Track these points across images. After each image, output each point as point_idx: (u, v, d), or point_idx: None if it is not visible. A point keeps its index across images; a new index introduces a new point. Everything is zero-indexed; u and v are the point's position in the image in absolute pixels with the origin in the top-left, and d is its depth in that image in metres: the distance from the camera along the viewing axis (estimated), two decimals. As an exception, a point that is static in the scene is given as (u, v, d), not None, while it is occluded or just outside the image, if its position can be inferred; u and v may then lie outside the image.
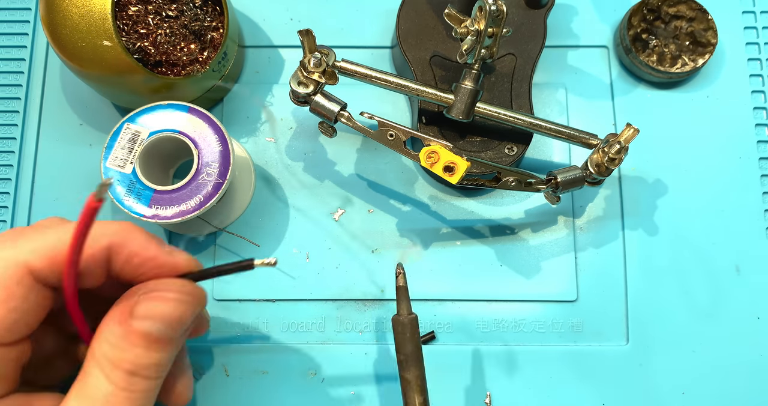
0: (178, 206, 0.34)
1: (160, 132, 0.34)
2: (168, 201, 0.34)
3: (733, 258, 0.39)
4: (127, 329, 0.26)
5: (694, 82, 0.42)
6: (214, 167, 0.34)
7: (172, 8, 0.36)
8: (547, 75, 0.42)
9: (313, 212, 0.40)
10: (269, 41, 0.42)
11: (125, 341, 0.26)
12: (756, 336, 0.38)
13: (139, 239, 0.27)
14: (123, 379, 0.25)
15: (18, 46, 0.42)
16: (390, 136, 0.33)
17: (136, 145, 0.34)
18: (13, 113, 0.41)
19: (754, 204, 0.40)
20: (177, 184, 0.34)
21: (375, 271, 0.39)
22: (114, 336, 0.26)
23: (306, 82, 0.33)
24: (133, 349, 0.26)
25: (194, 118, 0.35)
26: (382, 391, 0.37)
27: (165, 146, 0.35)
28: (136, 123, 0.34)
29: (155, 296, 0.26)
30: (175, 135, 0.34)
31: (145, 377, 0.26)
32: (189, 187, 0.34)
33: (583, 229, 0.40)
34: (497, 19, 0.32)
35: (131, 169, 0.34)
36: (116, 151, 0.34)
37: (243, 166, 0.39)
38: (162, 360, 0.26)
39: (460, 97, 0.35)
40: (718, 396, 0.37)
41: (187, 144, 0.34)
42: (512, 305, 0.39)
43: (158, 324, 0.26)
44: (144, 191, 0.33)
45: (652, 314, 0.38)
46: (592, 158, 0.35)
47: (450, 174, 0.31)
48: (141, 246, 0.27)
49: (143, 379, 0.26)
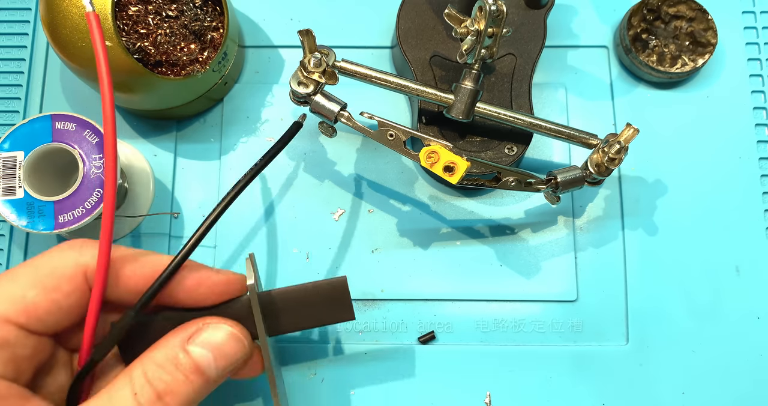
0: (83, 206, 0.34)
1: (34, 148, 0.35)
2: (71, 206, 0.34)
3: (733, 258, 0.39)
4: (182, 351, 0.27)
5: (694, 82, 0.42)
6: (99, 158, 0.34)
7: (172, 8, 0.36)
8: (547, 75, 0.42)
9: (313, 212, 0.40)
10: (269, 41, 0.42)
11: (172, 363, 0.26)
12: (756, 336, 0.38)
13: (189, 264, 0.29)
14: (149, 400, 0.25)
15: (18, 46, 0.42)
16: (390, 136, 0.33)
17: (16, 169, 0.34)
18: (13, 113, 0.41)
19: (754, 204, 0.40)
20: (72, 187, 0.34)
21: (375, 271, 0.39)
22: (164, 356, 0.27)
23: (306, 82, 0.33)
24: (175, 372, 0.26)
25: (62, 123, 0.35)
26: (382, 391, 0.37)
27: (50, 158, 0.35)
28: (4, 150, 0.34)
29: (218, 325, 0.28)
30: (49, 144, 0.35)
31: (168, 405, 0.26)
32: (84, 185, 0.34)
33: (583, 229, 0.40)
34: (497, 19, 0.32)
35: (23, 192, 0.34)
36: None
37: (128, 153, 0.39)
38: (192, 396, 0.27)
39: (460, 97, 0.35)
40: (718, 396, 0.37)
41: (64, 147, 0.35)
42: (512, 305, 0.39)
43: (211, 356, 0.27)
44: (45, 207, 0.34)
45: (652, 314, 0.38)
46: (592, 158, 0.35)
47: (450, 174, 0.31)
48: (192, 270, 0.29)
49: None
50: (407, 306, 0.38)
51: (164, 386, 0.26)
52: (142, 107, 0.39)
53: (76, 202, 0.34)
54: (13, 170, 0.34)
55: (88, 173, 0.34)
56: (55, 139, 0.35)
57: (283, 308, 0.31)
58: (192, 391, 0.27)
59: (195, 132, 0.41)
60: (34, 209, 0.34)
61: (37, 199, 0.34)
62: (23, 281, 0.26)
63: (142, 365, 0.26)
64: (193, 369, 0.27)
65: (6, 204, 0.34)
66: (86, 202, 0.34)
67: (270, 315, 0.31)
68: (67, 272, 0.27)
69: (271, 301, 0.31)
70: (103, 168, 0.34)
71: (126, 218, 0.38)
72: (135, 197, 0.39)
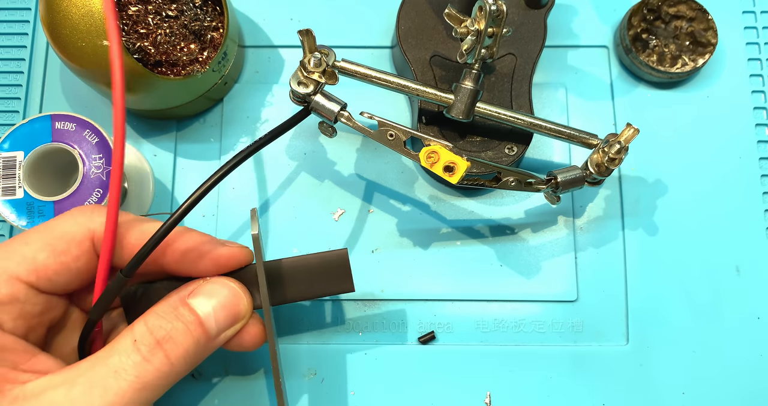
0: None
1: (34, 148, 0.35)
2: (71, 206, 0.34)
3: (733, 258, 0.39)
4: (182, 304, 0.28)
5: (694, 82, 0.42)
6: (98, 158, 0.34)
7: (172, 8, 0.36)
8: (547, 75, 0.42)
9: (313, 212, 0.40)
10: (269, 41, 0.42)
11: (172, 313, 0.28)
12: (756, 336, 0.38)
13: (193, 235, 0.30)
14: (148, 346, 0.26)
15: (18, 46, 0.42)
16: (390, 136, 0.33)
17: (16, 169, 0.34)
18: (13, 113, 0.41)
19: (754, 204, 0.40)
20: (72, 187, 0.34)
21: (375, 271, 0.39)
22: (164, 308, 0.28)
23: (306, 82, 0.33)
24: (175, 321, 0.27)
25: (61, 123, 0.35)
26: (382, 391, 0.37)
27: (50, 158, 0.35)
28: (4, 150, 0.34)
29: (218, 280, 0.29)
30: (49, 144, 0.35)
31: (167, 354, 0.26)
32: (84, 185, 0.34)
33: (583, 229, 0.40)
34: (497, 19, 0.32)
35: (22, 192, 0.34)
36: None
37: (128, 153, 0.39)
38: (192, 348, 0.27)
39: (460, 97, 0.35)
40: (718, 396, 0.37)
41: (64, 147, 0.35)
42: (512, 305, 0.39)
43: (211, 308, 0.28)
44: (44, 208, 0.34)
45: (652, 314, 0.38)
46: (592, 158, 0.35)
47: (450, 174, 0.31)
48: (196, 241, 0.30)
49: (164, 356, 0.26)
50: (407, 306, 0.38)
51: (164, 334, 0.27)
52: (142, 107, 0.39)
53: (76, 202, 0.34)
54: (13, 170, 0.34)
55: (87, 173, 0.34)
56: (55, 139, 0.35)
57: (286, 278, 0.32)
58: (192, 342, 0.27)
59: (195, 132, 0.41)
60: (34, 209, 0.34)
61: (37, 199, 0.34)
62: (35, 243, 0.28)
63: (143, 318, 0.28)
64: (193, 320, 0.28)
65: (6, 204, 0.34)
66: (86, 202, 0.34)
67: (273, 284, 0.32)
68: (76, 236, 0.28)
69: (275, 270, 0.32)
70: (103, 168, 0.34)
71: None
72: (135, 197, 0.39)
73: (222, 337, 0.29)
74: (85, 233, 0.28)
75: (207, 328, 0.28)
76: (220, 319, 0.29)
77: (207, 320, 0.28)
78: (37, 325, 0.28)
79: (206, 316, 0.28)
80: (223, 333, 0.29)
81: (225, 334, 0.29)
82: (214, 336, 0.29)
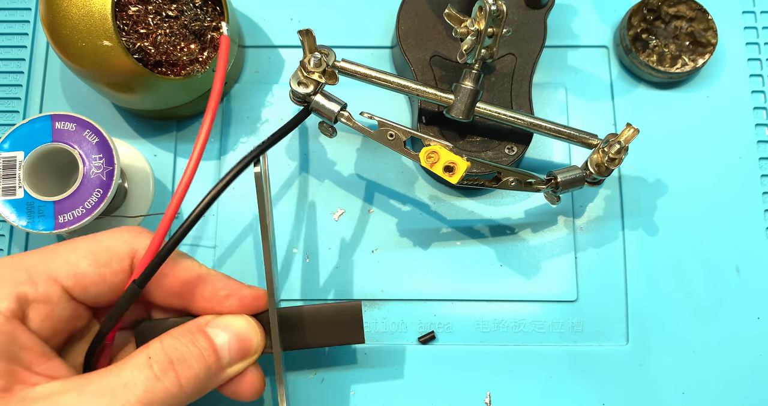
0: (83, 206, 0.34)
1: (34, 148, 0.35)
2: (71, 206, 0.34)
3: (733, 258, 0.39)
4: (199, 332, 0.29)
5: (694, 82, 0.42)
6: (98, 158, 0.34)
7: (172, 8, 0.36)
8: (547, 75, 0.42)
9: (313, 212, 0.40)
10: (269, 41, 0.42)
11: (188, 338, 0.28)
12: (756, 336, 0.38)
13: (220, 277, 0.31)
14: (161, 365, 0.26)
15: (18, 46, 0.42)
16: (390, 136, 0.33)
17: (16, 169, 0.34)
18: (13, 113, 0.41)
19: (754, 204, 0.40)
20: (72, 187, 0.34)
21: (375, 271, 0.39)
22: (181, 332, 0.28)
23: (306, 82, 0.33)
24: (190, 345, 0.28)
25: (62, 123, 0.35)
26: (382, 391, 0.37)
27: (50, 158, 0.35)
28: (4, 150, 0.35)
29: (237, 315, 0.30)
30: (49, 144, 0.35)
31: (179, 375, 0.27)
32: (84, 185, 0.34)
33: (583, 229, 0.40)
34: (497, 19, 0.32)
35: (22, 192, 0.34)
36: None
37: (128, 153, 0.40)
38: (203, 373, 0.28)
39: (460, 97, 0.35)
40: (718, 396, 0.37)
41: (64, 147, 0.35)
42: (512, 305, 0.39)
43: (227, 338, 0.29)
44: (45, 207, 0.34)
45: (652, 314, 0.38)
46: (592, 158, 0.35)
47: (450, 174, 0.31)
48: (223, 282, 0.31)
49: (175, 377, 0.26)
50: (407, 306, 0.38)
51: (179, 355, 0.27)
52: (142, 107, 0.39)
53: (76, 202, 0.34)
54: (13, 170, 0.34)
55: (87, 173, 0.34)
56: (55, 139, 0.35)
57: (298, 325, 0.33)
58: (204, 368, 0.28)
59: (195, 132, 0.41)
60: (34, 209, 0.34)
61: (37, 200, 0.34)
62: (81, 251, 0.28)
63: (160, 338, 0.28)
64: (208, 346, 0.28)
65: (6, 204, 0.34)
66: (86, 202, 0.34)
67: (288, 330, 0.33)
68: (120, 252, 0.29)
69: (291, 317, 0.33)
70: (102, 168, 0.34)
71: (126, 218, 0.38)
72: (135, 197, 0.39)
73: (231, 370, 0.29)
74: (129, 251, 0.29)
75: (220, 357, 0.29)
76: (233, 350, 0.29)
77: (221, 349, 0.29)
78: (62, 330, 0.28)
79: (221, 345, 0.29)
80: (233, 366, 0.30)
81: (235, 367, 0.30)
82: (225, 366, 0.29)
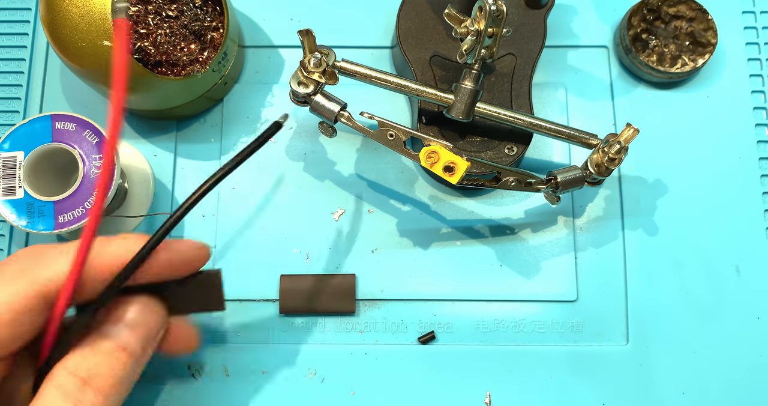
0: (83, 206, 0.34)
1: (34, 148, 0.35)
2: (71, 206, 0.34)
3: (733, 258, 0.39)
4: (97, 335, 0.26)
5: (694, 82, 0.42)
6: (99, 158, 0.34)
7: (172, 8, 0.36)
8: (547, 75, 0.42)
9: (313, 212, 0.40)
10: (269, 41, 0.42)
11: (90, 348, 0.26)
12: (756, 336, 0.38)
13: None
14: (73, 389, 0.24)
15: (18, 46, 0.42)
16: (390, 136, 0.33)
17: (16, 169, 0.34)
18: (13, 113, 0.41)
19: (754, 204, 0.40)
20: (72, 187, 0.34)
21: (375, 271, 0.39)
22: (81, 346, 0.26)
23: (306, 82, 0.33)
24: (95, 355, 0.25)
25: (62, 123, 0.35)
26: (382, 391, 0.37)
27: (50, 158, 0.35)
28: (4, 150, 0.35)
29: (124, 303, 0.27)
30: (49, 144, 0.35)
31: (98, 389, 0.25)
32: (84, 185, 0.34)
33: (583, 229, 0.40)
34: (497, 19, 0.32)
35: (22, 192, 0.34)
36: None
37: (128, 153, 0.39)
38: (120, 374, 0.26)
39: (460, 97, 0.35)
40: (718, 396, 0.37)
41: (64, 147, 0.35)
42: (512, 305, 0.39)
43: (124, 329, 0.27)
44: (45, 207, 0.34)
45: (652, 314, 0.38)
46: (592, 158, 0.35)
47: (450, 174, 0.31)
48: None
49: (95, 392, 0.25)
50: (407, 306, 0.38)
51: (87, 372, 0.25)
52: (142, 107, 0.39)
53: (76, 202, 0.34)
54: (13, 170, 0.34)
55: (88, 173, 0.34)
56: (55, 140, 0.35)
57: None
58: (119, 368, 0.26)
59: (195, 132, 0.41)
60: (34, 209, 0.34)
61: (37, 200, 0.34)
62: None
63: (62, 363, 0.25)
64: (111, 347, 0.26)
65: (6, 204, 0.34)
66: (86, 202, 0.34)
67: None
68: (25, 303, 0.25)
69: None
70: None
71: (126, 218, 0.38)
72: (135, 197, 0.39)
73: (150, 350, 0.28)
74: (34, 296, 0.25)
75: (130, 350, 0.26)
76: (140, 337, 0.27)
77: (127, 342, 0.27)
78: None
79: (125, 339, 0.27)
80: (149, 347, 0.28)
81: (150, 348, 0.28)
82: (140, 355, 0.27)
